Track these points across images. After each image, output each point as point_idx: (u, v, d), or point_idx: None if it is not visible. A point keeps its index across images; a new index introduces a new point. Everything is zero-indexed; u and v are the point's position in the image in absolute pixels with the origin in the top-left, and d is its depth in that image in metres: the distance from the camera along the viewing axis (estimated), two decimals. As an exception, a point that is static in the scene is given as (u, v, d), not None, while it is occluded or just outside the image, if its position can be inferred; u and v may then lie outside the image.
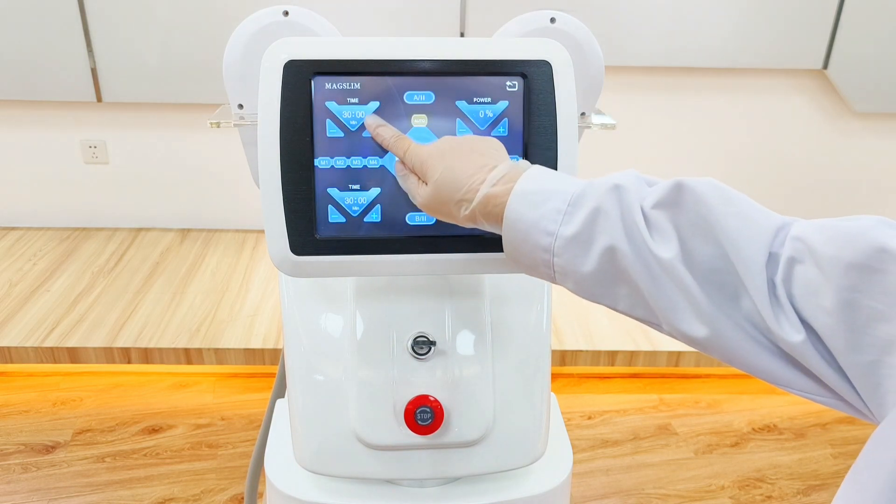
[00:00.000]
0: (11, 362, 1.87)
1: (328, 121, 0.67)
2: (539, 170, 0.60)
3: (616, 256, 0.53)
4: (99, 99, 2.29)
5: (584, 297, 0.58)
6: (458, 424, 0.75)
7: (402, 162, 0.66)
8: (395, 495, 0.80)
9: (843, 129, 2.50)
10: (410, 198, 0.67)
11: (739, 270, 0.49)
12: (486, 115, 0.68)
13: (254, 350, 1.88)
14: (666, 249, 0.52)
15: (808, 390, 0.49)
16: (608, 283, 0.55)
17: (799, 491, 1.75)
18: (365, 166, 0.68)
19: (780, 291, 0.48)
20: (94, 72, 2.25)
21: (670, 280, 0.51)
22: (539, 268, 0.58)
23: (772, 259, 0.49)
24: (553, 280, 0.59)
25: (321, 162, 0.67)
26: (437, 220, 0.69)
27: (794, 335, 0.47)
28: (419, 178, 0.64)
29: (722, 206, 0.50)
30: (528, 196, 0.57)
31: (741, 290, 0.49)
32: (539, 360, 0.80)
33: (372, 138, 0.68)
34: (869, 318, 0.43)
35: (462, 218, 0.62)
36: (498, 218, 0.59)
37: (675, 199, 0.52)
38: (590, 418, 1.98)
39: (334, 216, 0.69)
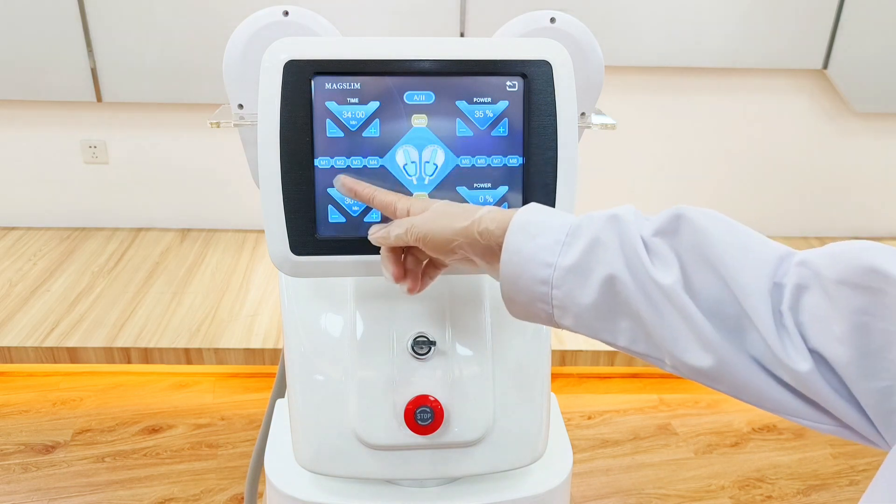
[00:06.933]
0: (11, 362, 1.87)
1: (328, 121, 0.67)
2: (535, 204, 0.59)
3: (616, 286, 0.52)
4: (99, 99, 2.29)
5: (584, 333, 0.56)
6: (458, 424, 0.75)
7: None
8: (395, 495, 0.80)
9: (843, 129, 2.50)
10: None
11: (741, 300, 0.47)
12: (486, 115, 0.68)
13: (254, 350, 1.88)
14: (667, 275, 0.50)
15: (816, 420, 0.47)
16: (609, 316, 0.53)
17: (799, 491, 1.75)
18: (365, 166, 0.68)
19: (788, 320, 0.46)
20: (94, 72, 2.25)
21: (672, 308, 0.49)
22: (536, 304, 0.56)
23: (777, 288, 0.47)
24: (551, 319, 0.57)
25: (321, 162, 0.67)
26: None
27: (801, 364, 0.45)
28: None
29: (720, 236, 0.49)
30: (526, 227, 0.56)
31: (745, 321, 0.48)
32: (539, 359, 0.80)
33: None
34: (883, 341, 0.42)
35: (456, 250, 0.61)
36: (494, 256, 0.58)
37: (675, 228, 0.51)
38: (590, 418, 1.98)
39: (334, 216, 0.69)
